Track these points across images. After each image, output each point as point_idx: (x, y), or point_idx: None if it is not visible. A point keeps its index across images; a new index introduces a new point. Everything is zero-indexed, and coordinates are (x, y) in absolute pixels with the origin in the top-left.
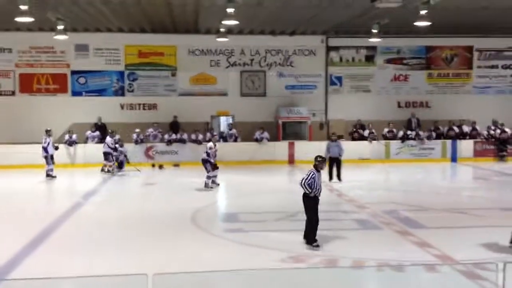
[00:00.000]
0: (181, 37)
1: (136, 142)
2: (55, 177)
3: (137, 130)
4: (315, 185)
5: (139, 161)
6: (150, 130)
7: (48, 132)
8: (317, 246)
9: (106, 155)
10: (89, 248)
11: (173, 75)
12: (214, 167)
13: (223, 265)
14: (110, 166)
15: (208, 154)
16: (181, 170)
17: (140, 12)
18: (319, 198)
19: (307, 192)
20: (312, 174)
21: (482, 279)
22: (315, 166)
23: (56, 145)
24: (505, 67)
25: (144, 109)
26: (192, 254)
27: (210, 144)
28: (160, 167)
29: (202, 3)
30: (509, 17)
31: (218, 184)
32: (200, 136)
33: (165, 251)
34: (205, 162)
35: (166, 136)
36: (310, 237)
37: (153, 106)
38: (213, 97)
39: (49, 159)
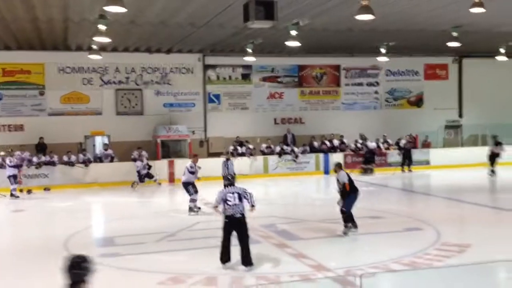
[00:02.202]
0: (50, 54)
1: (1, 166)
2: (18, 197)
3: (2, 153)
4: None
5: (4, 187)
6: (17, 153)
7: (10, 153)
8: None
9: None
10: None
11: (42, 94)
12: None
13: None
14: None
15: (192, 173)
16: (51, 194)
17: (4, 28)
18: None
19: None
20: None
21: (354, 286)
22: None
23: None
24: (369, 84)
25: (9, 130)
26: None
27: (190, 162)
28: (29, 192)
29: (71, 19)
30: (371, 38)
31: (200, 208)
32: (73, 158)
33: (38, 285)
34: (187, 184)
35: (34, 159)
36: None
37: (19, 127)
38: (87, 117)
39: (12, 179)
